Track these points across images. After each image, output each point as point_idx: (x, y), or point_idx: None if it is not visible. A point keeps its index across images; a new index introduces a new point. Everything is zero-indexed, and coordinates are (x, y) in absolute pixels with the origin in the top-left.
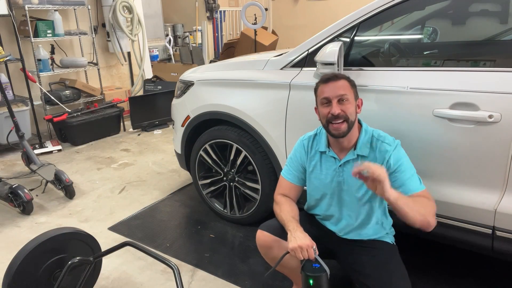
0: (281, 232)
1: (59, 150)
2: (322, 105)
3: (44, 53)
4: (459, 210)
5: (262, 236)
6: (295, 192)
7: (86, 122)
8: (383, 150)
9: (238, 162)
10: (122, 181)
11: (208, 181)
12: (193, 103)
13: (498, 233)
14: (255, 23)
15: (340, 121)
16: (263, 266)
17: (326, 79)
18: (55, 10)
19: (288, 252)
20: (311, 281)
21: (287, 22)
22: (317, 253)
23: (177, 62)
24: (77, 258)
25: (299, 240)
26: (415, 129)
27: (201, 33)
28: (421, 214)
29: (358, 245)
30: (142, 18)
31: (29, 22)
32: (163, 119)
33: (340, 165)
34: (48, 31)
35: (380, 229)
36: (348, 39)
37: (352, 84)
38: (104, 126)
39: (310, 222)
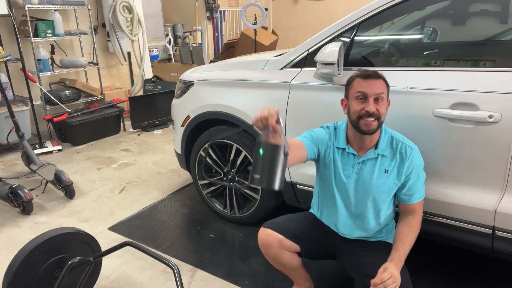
0: (284, 231)
1: (59, 150)
2: (356, 99)
3: (44, 53)
4: (459, 210)
5: (264, 234)
6: (299, 151)
7: (86, 122)
8: (404, 152)
9: (238, 162)
10: (122, 181)
11: (208, 181)
12: (193, 103)
13: (498, 233)
14: (255, 23)
15: (372, 119)
16: (263, 266)
17: (366, 75)
18: (55, 10)
19: (242, 129)
20: (260, 151)
21: (287, 22)
22: (281, 122)
23: (177, 62)
24: (77, 258)
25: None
26: (415, 129)
27: (201, 33)
28: (414, 241)
29: (360, 246)
30: (142, 18)
31: (29, 22)
32: (163, 119)
33: (359, 162)
34: (48, 31)
35: (384, 230)
36: (348, 39)
37: (387, 85)
38: (104, 126)
39: (312, 222)
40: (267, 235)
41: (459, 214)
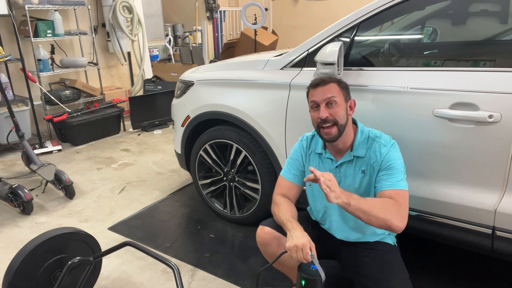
0: (282, 229)
1: (59, 150)
2: (312, 109)
3: (44, 53)
4: (459, 210)
5: (262, 232)
6: (294, 192)
7: (86, 122)
8: (378, 149)
9: (238, 162)
10: (122, 181)
11: (208, 181)
12: (193, 103)
13: (498, 233)
14: (255, 23)
15: (329, 124)
16: (263, 266)
17: (315, 84)
18: (55, 10)
19: (285, 252)
20: (303, 282)
21: (287, 22)
22: (315, 256)
23: (177, 62)
24: (77, 258)
25: (296, 239)
26: (415, 129)
27: (201, 33)
28: (379, 218)
29: (358, 247)
30: (142, 18)
31: (29, 22)
32: (163, 119)
33: (336, 166)
34: (48, 31)
35: (380, 231)
36: (348, 39)
37: (342, 86)
38: (104, 126)
39: (311, 223)
40: (265, 233)
41: (459, 214)
